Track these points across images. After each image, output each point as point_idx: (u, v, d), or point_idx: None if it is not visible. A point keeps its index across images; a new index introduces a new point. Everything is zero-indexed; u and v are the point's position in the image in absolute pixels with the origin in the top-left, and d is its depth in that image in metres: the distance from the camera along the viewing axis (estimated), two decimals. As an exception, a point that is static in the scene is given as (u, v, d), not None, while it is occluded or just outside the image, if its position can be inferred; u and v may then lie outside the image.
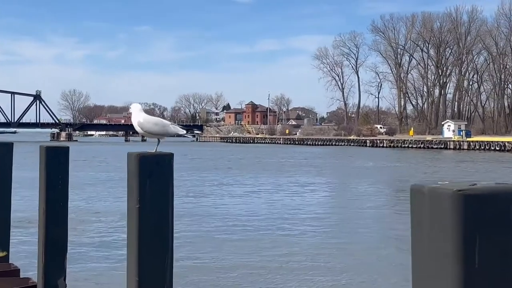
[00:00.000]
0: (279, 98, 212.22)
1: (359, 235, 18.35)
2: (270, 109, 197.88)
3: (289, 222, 20.39)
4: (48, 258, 5.20)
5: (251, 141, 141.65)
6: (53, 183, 5.18)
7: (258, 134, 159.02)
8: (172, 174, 3.46)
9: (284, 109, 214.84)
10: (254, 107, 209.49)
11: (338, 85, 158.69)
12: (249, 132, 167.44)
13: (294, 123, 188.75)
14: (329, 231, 18.98)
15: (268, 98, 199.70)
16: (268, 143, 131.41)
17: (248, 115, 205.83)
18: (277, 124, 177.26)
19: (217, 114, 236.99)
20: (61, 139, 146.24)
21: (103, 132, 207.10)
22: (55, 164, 5.21)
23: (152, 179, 3.40)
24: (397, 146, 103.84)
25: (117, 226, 18.19)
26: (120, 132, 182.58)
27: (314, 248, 15.99)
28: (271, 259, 14.35)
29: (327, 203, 27.38)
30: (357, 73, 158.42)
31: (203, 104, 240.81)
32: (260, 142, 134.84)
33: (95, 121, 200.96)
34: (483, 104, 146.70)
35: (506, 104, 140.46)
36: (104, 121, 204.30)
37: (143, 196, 3.39)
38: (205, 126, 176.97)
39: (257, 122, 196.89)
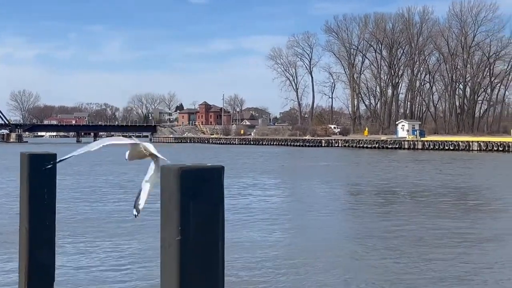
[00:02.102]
0: (233, 98, 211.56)
1: (313, 233, 17.66)
2: (224, 109, 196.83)
3: (240, 224, 19.58)
4: (30, 288, 4.28)
5: (206, 142, 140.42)
6: (37, 197, 4.24)
7: (213, 134, 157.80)
8: (222, 194, 2.59)
9: (238, 109, 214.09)
10: (207, 107, 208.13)
11: (292, 85, 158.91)
12: (204, 133, 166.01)
13: (248, 123, 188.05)
14: (283, 230, 18.28)
15: (223, 98, 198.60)
16: (223, 143, 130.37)
17: (202, 116, 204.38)
18: (232, 125, 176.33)
19: (170, 114, 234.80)
20: (11, 140, 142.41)
21: (54, 133, 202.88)
22: (40, 175, 4.26)
23: (198, 201, 2.53)
24: (352, 146, 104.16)
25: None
26: (71, 133, 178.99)
27: (270, 248, 15.22)
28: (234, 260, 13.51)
29: (285, 204, 26.64)
30: (310, 73, 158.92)
31: (155, 105, 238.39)
32: (215, 143, 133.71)
33: (46, 122, 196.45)
34: (435, 104, 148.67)
35: (457, 104, 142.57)
36: (54, 122, 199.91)
37: (186, 224, 2.51)
38: (158, 127, 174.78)
39: (211, 122, 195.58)
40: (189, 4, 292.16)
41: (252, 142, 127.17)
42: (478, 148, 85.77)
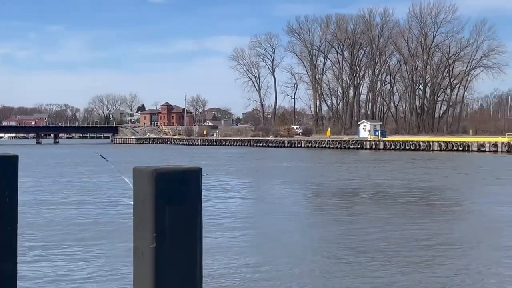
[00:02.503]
0: (195, 99, 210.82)
1: (275, 236, 17.58)
2: (186, 110, 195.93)
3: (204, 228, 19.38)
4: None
5: (168, 142, 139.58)
6: (-3, 203, 4.00)
7: (175, 135, 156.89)
8: (200, 197, 2.42)
9: (201, 110, 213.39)
10: (169, 108, 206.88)
11: (254, 86, 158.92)
12: (166, 134, 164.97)
13: (211, 124, 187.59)
14: (247, 234, 18.13)
15: (185, 99, 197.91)
16: (186, 144, 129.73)
17: (164, 116, 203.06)
18: (194, 125, 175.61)
19: (131, 115, 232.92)
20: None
21: (13, 134, 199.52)
22: (1, 178, 4.02)
23: (174, 207, 2.36)
24: (315, 147, 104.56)
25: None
26: (30, 134, 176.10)
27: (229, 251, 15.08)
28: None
29: (249, 206, 26.50)
30: (273, 74, 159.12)
31: (117, 105, 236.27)
32: (177, 144, 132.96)
33: (4, 123, 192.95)
34: (396, 105, 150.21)
35: (417, 104, 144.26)
36: (13, 123, 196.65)
37: (161, 231, 2.34)
38: (119, 128, 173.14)
39: (173, 123, 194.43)
40: (150, 4, 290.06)
41: (215, 143, 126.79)
42: (438, 148, 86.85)
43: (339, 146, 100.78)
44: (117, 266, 13.51)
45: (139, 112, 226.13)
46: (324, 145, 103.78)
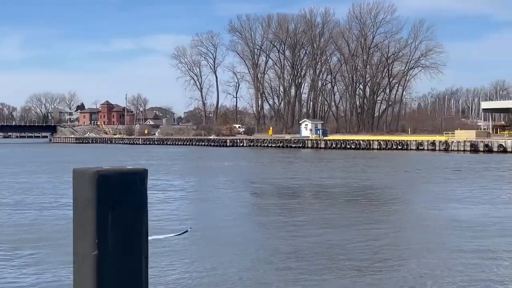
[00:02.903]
0: (136, 98, 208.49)
1: (215, 237, 17.48)
2: (127, 109, 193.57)
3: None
4: None
5: (109, 142, 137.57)
6: None
7: (116, 134, 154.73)
8: (146, 201, 2.27)
9: (142, 109, 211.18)
10: (110, 106, 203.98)
11: (196, 85, 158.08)
12: (106, 133, 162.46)
13: (152, 123, 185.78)
14: (188, 236, 17.97)
15: (125, 98, 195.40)
16: (127, 143, 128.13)
17: (104, 115, 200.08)
18: (135, 124, 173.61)
19: (70, 114, 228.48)
20: None
21: None
22: None
23: (118, 211, 2.20)
24: (257, 145, 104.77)
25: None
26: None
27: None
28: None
29: (190, 206, 26.30)
30: (215, 73, 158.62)
31: (55, 104, 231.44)
32: (118, 143, 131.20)
33: None
34: (336, 104, 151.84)
35: (357, 103, 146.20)
36: None
37: (104, 237, 2.17)
38: (58, 127, 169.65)
39: (114, 122, 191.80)
40: (89, 2, 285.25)
41: (156, 142, 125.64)
42: (378, 147, 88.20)
43: (281, 145, 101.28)
44: (57, 273, 13.13)
45: (79, 111, 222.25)
46: (266, 144, 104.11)
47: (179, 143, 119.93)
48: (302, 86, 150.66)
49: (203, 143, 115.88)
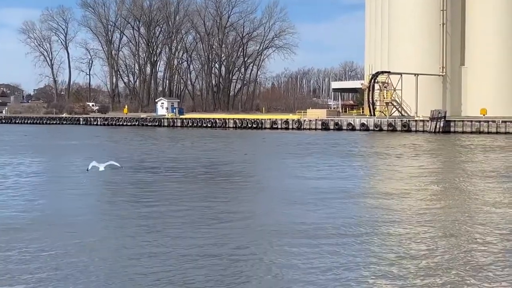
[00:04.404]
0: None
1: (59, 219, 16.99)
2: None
3: None
4: None
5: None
6: None
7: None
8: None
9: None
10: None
11: (47, 61, 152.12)
12: None
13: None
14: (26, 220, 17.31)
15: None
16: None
17: None
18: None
19: None
20: None
21: None
22: None
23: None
24: (112, 124, 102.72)
25: None
26: None
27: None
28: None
29: (32, 184, 25.27)
30: (66, 49, 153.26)
31: None
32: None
33: None
34: (192, 82, 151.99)
35: (213, 82, 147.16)
36: None
37: None
38: None
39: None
40: None
41: (3, 121, 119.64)
42: (234, 125, 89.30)
43: (136, 123, 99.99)
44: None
45: None
46: (121, 123, 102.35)
47: (29, 121, 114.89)
48: (158, 64, 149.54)
49: (54, 122, 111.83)
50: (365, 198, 21.05)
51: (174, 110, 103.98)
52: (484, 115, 75.84)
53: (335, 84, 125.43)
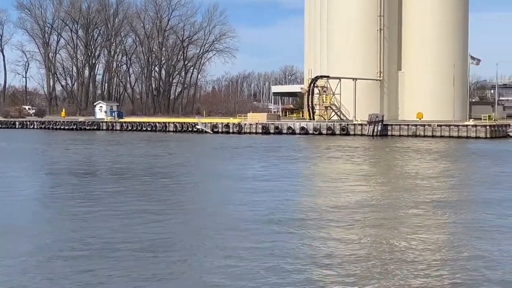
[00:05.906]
0: None
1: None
2: None
3: None
4: None
5: None
6: None
7: None
8: None
9: None
10: None
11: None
12: None
13: None
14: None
15: None
16: None
17: None
18: None
19: None
20: None
21: None
22: None
23: None
24: (49, 128, 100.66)
25: None
26: None
27: None
28: None
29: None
30: (2, 51, 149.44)
31: None
32: None
33: None
34: (132, 86, 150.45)
35: (153, 85, 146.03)
36: None
37: None
38: None
39: None
40: None
41: None
42: (174, 129, 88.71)
43: (74, 127, 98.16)
44: None
45: None
46: (59, 126, 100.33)
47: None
48: (97, 67, 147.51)
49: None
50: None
51: (113, 114, 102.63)
52: (420, 119, 77.54)
53: (275, 88, 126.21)
